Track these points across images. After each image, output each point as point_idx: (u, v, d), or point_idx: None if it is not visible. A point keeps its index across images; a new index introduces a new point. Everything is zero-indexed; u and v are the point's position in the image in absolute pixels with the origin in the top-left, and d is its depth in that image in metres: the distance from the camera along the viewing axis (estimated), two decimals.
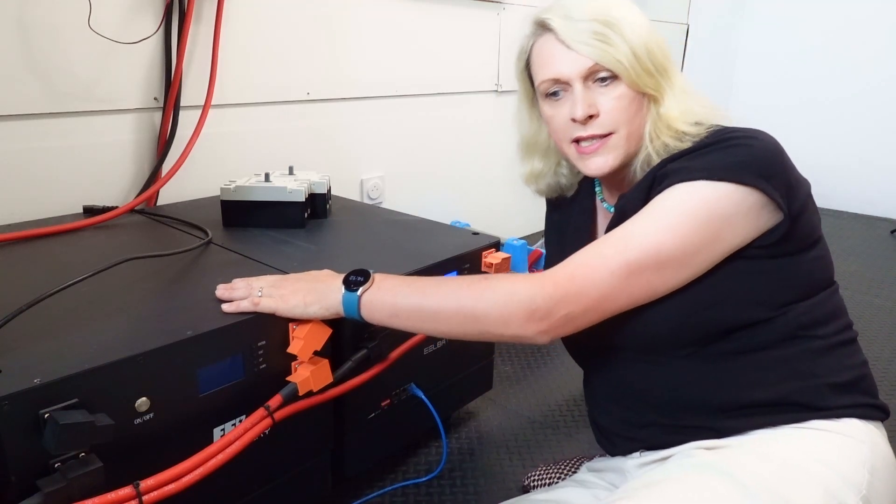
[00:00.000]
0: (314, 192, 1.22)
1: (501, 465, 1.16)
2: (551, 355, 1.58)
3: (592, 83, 0.78)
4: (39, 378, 0.60)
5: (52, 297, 0.72)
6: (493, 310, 0.71)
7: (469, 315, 0.72)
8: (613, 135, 0.78)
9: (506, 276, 0.76)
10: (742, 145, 0.71)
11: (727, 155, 0.71)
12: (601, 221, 0.92)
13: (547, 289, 0.70)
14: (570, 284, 0.70)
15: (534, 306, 0.69)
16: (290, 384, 0.79)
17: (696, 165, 0.71)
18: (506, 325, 0.71)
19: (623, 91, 0.77)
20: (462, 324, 0.73)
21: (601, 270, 0.70)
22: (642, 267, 0.69)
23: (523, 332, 0.71)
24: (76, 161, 1.24)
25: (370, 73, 1.74)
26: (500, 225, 2.25)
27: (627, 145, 0.79)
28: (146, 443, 0.69)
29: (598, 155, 0.79)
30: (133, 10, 1.25)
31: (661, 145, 0.77)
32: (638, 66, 0.76)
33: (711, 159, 0.71)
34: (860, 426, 0.73)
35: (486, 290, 0.72)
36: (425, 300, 0.75)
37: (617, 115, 0.77)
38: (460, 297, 0.73)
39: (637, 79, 0.76)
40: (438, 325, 0.75)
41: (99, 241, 1.06)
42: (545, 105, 0.83)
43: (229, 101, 1.44)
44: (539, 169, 0.93)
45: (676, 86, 0.79)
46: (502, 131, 2.17)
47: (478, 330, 0.73)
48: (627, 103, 0.77)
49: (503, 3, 2.07)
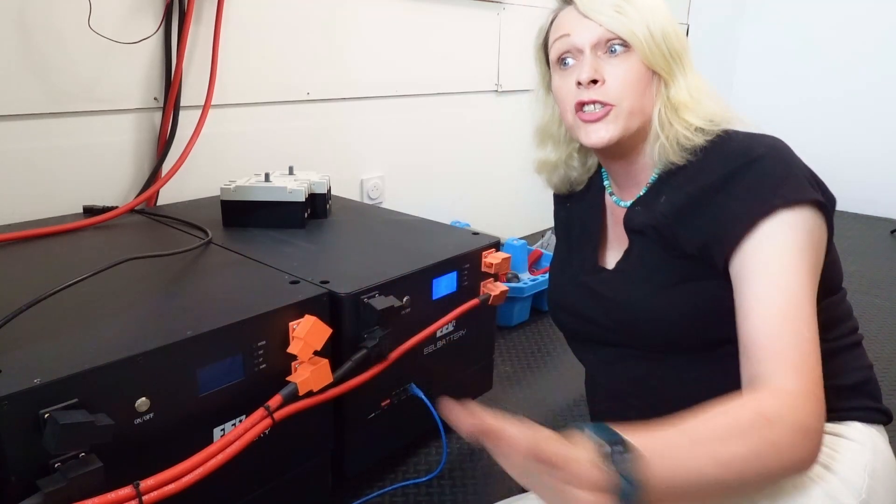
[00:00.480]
0: (314, 192, 1.22)
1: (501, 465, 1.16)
2: (551, 355, 1.58)
3: (603, 53, 0.77)
4: (39, 378, 0.60)
5: (52, 297, 0.72)
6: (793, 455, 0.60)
7: (772, 473, 0.61)
8: (615, 107, 0.76)
9: (776, 414, 0.60)
10: (773, 158, 0.71)
11: (774, 176, 0.70)
12: (611, 217, 0.90)
13: (811, 403, 0.63)
14: (810, 379, 0.64)
15: (818, 431, 0.62)
16: (290, 384, 0.79)
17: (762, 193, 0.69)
18: (803, 464, 0.62)
19: (633, 64, 0.76)
20: (761, 482, 0.63)
21: (810, 343, 0.65)
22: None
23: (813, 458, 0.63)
24: (76, 161, 1.24)
25: (370, 73, 1.74)
26: (500, 225, 2.25)
27: (628, 121, 0.77)
28: (146, 443, 0.69)
29: (598, 124, 0.77)
30: (133, 10, 1.25)
31: (674, 138, 0.76)
32: (652, 41, 0.75)
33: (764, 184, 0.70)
34: (862, 429, 0.73)
35: (779, 437, 0.60)
36: (722, 470, 0.57)
37: (623, 87, 0.76)
38: (759, 454, 0.58)
39: (649, 54, 0.75)
40: (733, 493, 0.63)
41: (99, 241, 1.06)
42: (556, 77, 0.81)
43: (229, 101, 1.44)
44: (552, 159, 0.92)
45: (691, 76, 0.78)
46: (502, 131, 2.20)
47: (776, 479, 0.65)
48: (635, 77, 0.76)
49: (503, 3, 2.07)
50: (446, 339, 1.10)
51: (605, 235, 0.89)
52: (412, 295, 0.97)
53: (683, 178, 0.75)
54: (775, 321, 0.65)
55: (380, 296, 0.91)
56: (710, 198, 0.72)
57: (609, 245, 0.89)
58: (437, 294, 1.03)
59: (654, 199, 0.78)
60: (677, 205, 0.75)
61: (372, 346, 0.88)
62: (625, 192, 0.85)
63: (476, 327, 1.15)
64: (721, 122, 0.76)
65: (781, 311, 0.65)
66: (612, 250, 0.88)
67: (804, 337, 0.65)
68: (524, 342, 1.65)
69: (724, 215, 0.70)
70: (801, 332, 0.65)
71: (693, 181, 0.74)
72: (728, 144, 0.74)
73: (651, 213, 0.77)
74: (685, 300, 0.73)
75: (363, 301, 0.89)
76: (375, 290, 0.91)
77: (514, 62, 2.15)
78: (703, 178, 0.73)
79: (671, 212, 0.75)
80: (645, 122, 0.78)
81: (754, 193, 0.69)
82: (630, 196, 0.84)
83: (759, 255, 0.68)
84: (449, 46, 1.95)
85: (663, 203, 0.76)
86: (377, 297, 0.90)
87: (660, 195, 0.78)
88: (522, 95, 2.22)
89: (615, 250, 0.86)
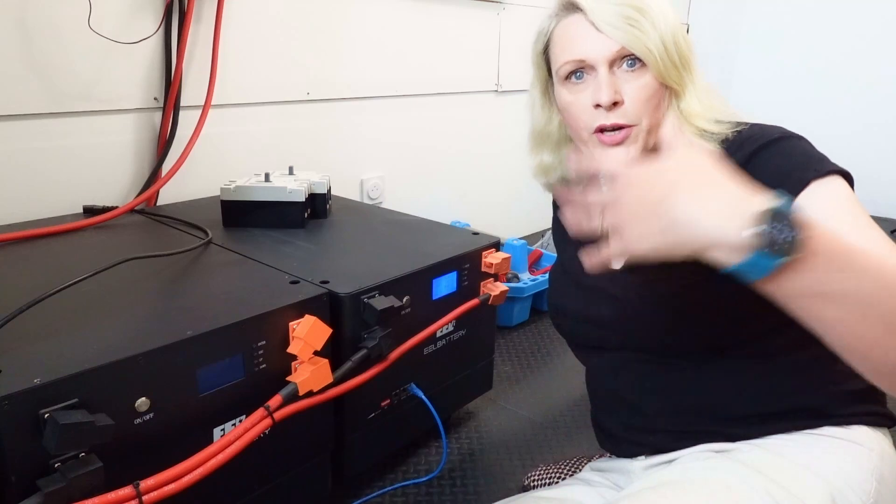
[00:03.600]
0: (314, 192, 1.22)
1: (501, 465, 1.16)
2: (551, 355, 1.58)
3: (618, 69, 0.74)
4: (39, 378, 0.60)
5: (52, 297, 0.72)
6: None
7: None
8: (635, 127, 0.74)
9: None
10: (791, 138, 0.70)
11: (797, 154, 0.69)
12: None
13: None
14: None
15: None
16: (290, 384, 0.79)
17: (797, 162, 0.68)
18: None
19: (648, 80, 0.74)
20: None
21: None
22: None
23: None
24: (76, 161, 1.24)
25: (370, 73, 1.74)
26: (500, 225, 2.25)
27: (647, 139, 0.75)
28: (146, 443, 0.69)
29: (619, 147, 0.74)
30: (133, 10, 1.25)
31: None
32: (666, 56, 0.73)
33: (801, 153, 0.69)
34: (870, 434, 0.72)
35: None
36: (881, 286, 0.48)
37: (641, 105, 0.74)
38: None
39: (664, 70, 0.73)
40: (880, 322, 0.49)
41: (99, 241, 1.06)
42: (563, 90, 0.78)
43: (229, 101, 1.44)
44: (548, 162, 0.89)
45: (699, 82, 0.77)
46: (502, 131, 2.19)
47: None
48: (651, 93, 0.74)
49: (503, 3, 2.07)
50: (446, 339, 1.10)
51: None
52: (412, 295, 0.97)
53: None
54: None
55: (380, 296, 0.91)
56: None
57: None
58: (437, 294, 1.03)
59: None
60: None
61: (372, 346, 0.88)
62: None
63: (476, 327, 1.15)
64: (726, 121, 0.75)
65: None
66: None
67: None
68: (524, 342, 1.65)
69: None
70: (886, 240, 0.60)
71: None
72: (741, 134, 0.73)
73: None
74: (691, 305, 0.73)
75: (363, 301, 0.89)
76: (375, 290, 0.91)
77: (514, 62, 2.15)
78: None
79: None
80: (657, 135, 0.76)
81: (783, 172, 0.67)
82: None
83: (818, 214, 0.55)
84: (449, 46, 1.95)
85: None
86: (377, 297, 0.91)
87: None
88: (522, 95, 2.19)
89: None
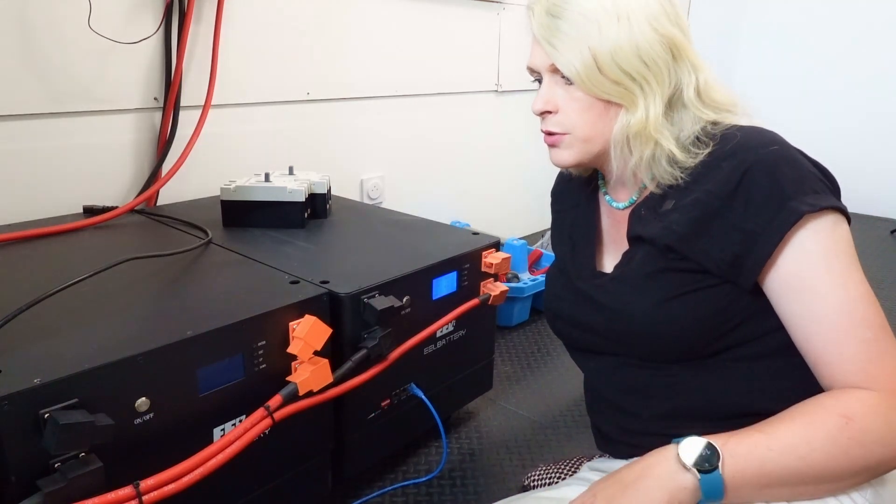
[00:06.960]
0: (314, 192, 1.22)
1: (501, 465, 1.16)
2: (551, 355, 1.58)
3: (561, 78, 0.73)
4: (39, 378, 0.60)
5: (52, 297, 0.72)
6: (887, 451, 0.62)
7: (862, 468, 0.63)
8: (569, 135, 0.75)
9: (864, 412, 0.62)
10: (783, 158, 0.68)
11: (790, 179, 0.66)
12: (607, 219, 0.86)
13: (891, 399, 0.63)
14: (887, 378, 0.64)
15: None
16: (290, 384, 0.79)
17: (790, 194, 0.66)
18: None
19: (581, 94, 0.72)
20: (855, 478, 0.64)
21: (882, 342, 0.65)
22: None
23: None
24: (76, 161, 1.24)
25: (370, 73, 1.74)
26: (500, 225, 2.25)
27: (585, 146, 0.75)
28: (146, 443, 0.69)
29: (556, 149, 0.77)
30: (133, 10, 1.25)
31: (651, 159, 0.73)
32: (595, 72, 0.69)
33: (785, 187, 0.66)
34: None
35: (865, 434, 0.62)
36: (803, 464, 0.62)
37: (574, 116, 0.73)
38: (844, 449, 0.61)
39: (591, 86, 0.70)
40: (822, 486, 0.64)
41: (99, 241, 1.06)
42: None
43: (229, 101, 1.44)
44: None
45: (669, 92, 0.72)
46: (502, 131, 2.20)
47: (869, 476, 0.65)
48: (584, 107, 0.72)
49: (503, 3, 2.07)
50: (446, 339, 1.10)
51: (601, 238, 0.87)
52: (412, 295, 0.97)
53: (688, 178, 0.71)
54: (837, 335, 0.64)
55: (380, 296, 0.91)
56: (725, 205, 0.68)
57: (606, 248, 0.86)
58: (437, 294, 1.03)
59: (659, 203, 0.74)
60: (691, 216, 0.70)
61: (372, 346, 0.88)
62: (618, 193, 0.83)
63: (476, 327, 1.15)
64: (724, 118, 0.73)
65: (842, 325, 0.64)
66: (608, 254, 0.85)
67: (869, 338, 0.64)
68: (524, 342, 1.65)
69: (747, 231, 0.67)
70: (866, 338, 0.64)
71: (699, 182, 0.71)
72: (730, 141, 0.70)
73: (662, 223, 0.73)
74: (688, 311, 0.71)
75: (363, 301, 0.89)
76: (375, 290, 0.91)
77: (514, 62, 2.15)
78: (710, 179, 0.70)
79: (686, 225, 0.70)
80: (605, 144, 0.75)
81: (775, 201, 0.66)
82: (623, 197, 0.82)
83: (799, 269, 0.65)
84: (449, 46, 1.95)
85: (672, 211, 0.72)
86: (377, 297, 0.91)
87: (665, 198, 0.74)
88: (522, 95, 2.22)
89: (612, 254, 0.84)
